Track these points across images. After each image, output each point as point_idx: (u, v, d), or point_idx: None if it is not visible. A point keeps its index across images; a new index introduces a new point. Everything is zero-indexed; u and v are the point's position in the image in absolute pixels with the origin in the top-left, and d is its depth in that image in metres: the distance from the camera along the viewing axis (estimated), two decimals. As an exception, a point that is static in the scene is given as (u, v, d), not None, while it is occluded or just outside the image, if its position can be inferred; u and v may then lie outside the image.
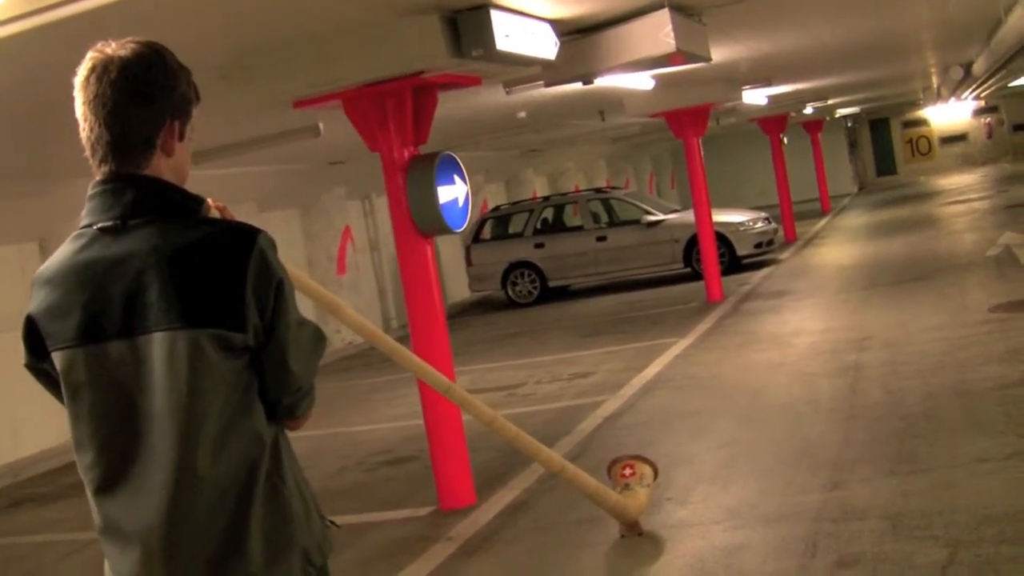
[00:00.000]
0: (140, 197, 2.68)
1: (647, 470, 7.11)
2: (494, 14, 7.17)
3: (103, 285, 2.65)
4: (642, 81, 13.74)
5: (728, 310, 16.38)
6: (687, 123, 17.43)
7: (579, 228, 22.55)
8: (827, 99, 25.99)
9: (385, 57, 7.43)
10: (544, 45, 7.93)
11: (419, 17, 7.21)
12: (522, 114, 15.55)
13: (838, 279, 18.03)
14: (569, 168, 30.66)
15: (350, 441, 11.59)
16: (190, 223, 2.68)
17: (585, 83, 9.17)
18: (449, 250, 23.92)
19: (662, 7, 8.12)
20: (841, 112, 35.73)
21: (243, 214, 17.21)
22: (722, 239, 20.32)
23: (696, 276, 19.23)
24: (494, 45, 7.16)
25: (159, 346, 2.59)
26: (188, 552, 2.60)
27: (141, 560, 2.62)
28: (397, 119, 7.99)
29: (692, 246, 20.18)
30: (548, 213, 23.39)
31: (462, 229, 8.47)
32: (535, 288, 22.36)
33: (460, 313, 23.12)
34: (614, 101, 16.36)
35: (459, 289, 24.20)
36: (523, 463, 8.93)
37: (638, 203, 22.47)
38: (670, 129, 17.92)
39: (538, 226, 22.87)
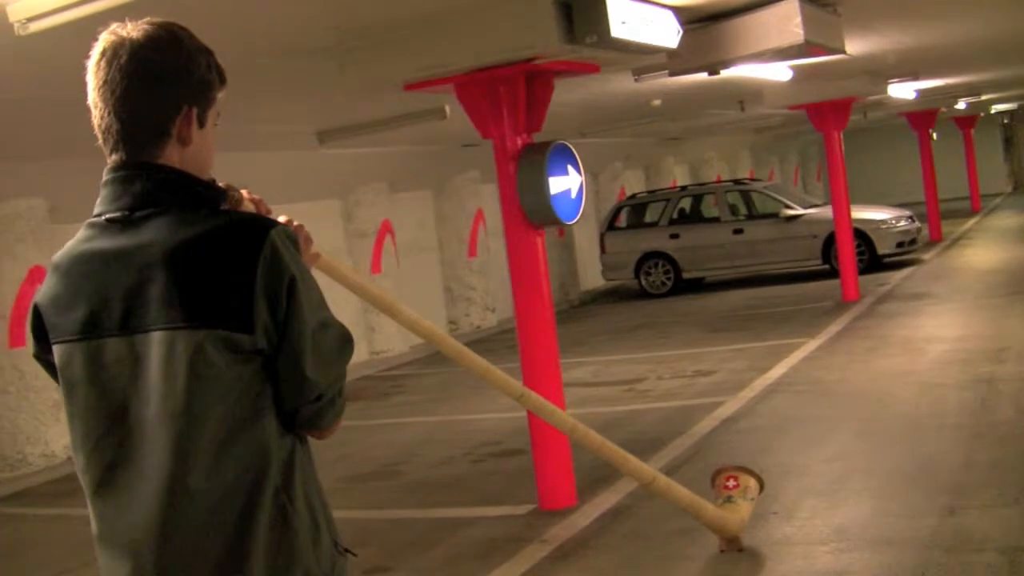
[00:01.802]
0: (149, 187, 2.49)
1: (751, 483, 6.77)
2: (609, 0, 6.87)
3: (106, 278, 2.47)
4: (780, 72, 13.28)
5: (862, 311, 15.83)
6: (828, 116, 16.87)
7: (716, 219, 22.08)
8: (980, 94, 24.99)
9: (496, 42, 7.21)
10: (666, 33, 7.60)
11: (531, 1, 6.95)
12: (657, 102, 15.19)
13: (981, 283, 17.32)
14: (711, 157, 30.11)
15: (461, 430, 11.42)
16: (201, 215, 2.48)
17: (711, 73, 8.82)
18: (585, 237, 23.67)
19: (791, -5, 7.75)
20: (997, 108, 34.45)
21: (373, 194, 17.40)
22: (862, 236, 19.74)
23: (834, 274, 18.62)
24: (609, 32, 6.86)
25: (157, 346, 2.40)
26: (181, 570, 2.41)
27: (131, 575, 2.44)
28: (510, 105, 7.76)
29: (831, 242, 19.51)
30: (685, 203, 22.94)
31: (574, 221, 8.18)
32: (668, 279, 21.97)
33: (591, 302, 22.90)
34: (753, 91, 15.93)
35: (592, 277, 23.91)
36: (630, 464, 8.65)
37: (777, 196, 21.89)
38: (811, 122, 17.38)
39: (674, 216, 22.46)
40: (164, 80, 2.49)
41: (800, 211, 21.05)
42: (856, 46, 11.07)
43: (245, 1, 6.38)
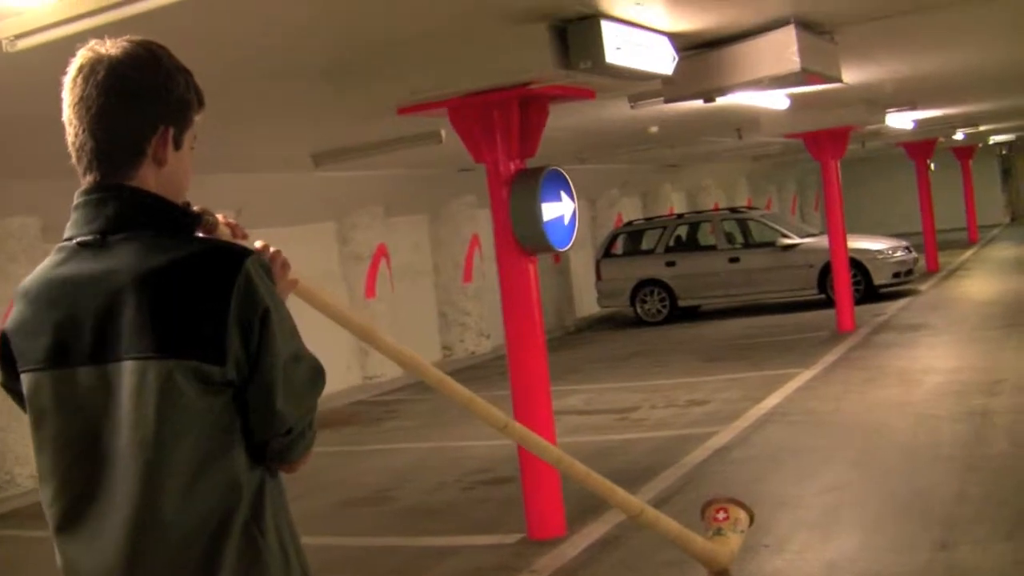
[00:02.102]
0: (123, 210, 2.42)
1: (742, 515, 6.63)
2: (604, 25, 6.80)
3: (76, 305, 2.40)
4: (777, 100, 13.24)
5: (858, 341, 15.76)
6: (825, 145, 16.83)
7: (712, 248, 22.01)
8: (978, 125, 24.93)
9: (490, 66, 7.18)
10: (661, 59, 7.55)
11: (526, 26, 6.88)
12: (654, 129, 15.14)
13: (977, 314, 17.26)
14: (708, 185, 30.07)
15: (453, 456, 11.34)
16: (175, 241, 2.41)
17: (707, 101, 8.75)
18: (581, 263, 23.61)
19: (788, 23, 7.68)
20: (995, 139, 34.40)
21: (369, 217, 17.33)
22: (858, 267, 19.66)
23: (830, 303, 18.53)
24: (603, 57, 6.80)
25: (129, 376, 2.33)
26: None
27: None
28: (503, 130, 7.71)
29: (827, 272, 19.41)
30: (682, 231, 22.87)
31: (566, 248, 8.13)
32: (664, 307, 21.89)
33: (586, 328, 22.82)
34: (751, 119, 15.88)
35: (588, 304, 23.84)
36: (621, 494, 8.56)
37: (774, 225, 21.84)
38: (808, 151, 17.34)
39: (671, 243, 22.39)
40: (141, 98, 2.43)
41: (797, 240, 21.00)
42: (853, 75, 11.01)
43: (235, 21, 6.31)
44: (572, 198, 8.12)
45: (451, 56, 7.28)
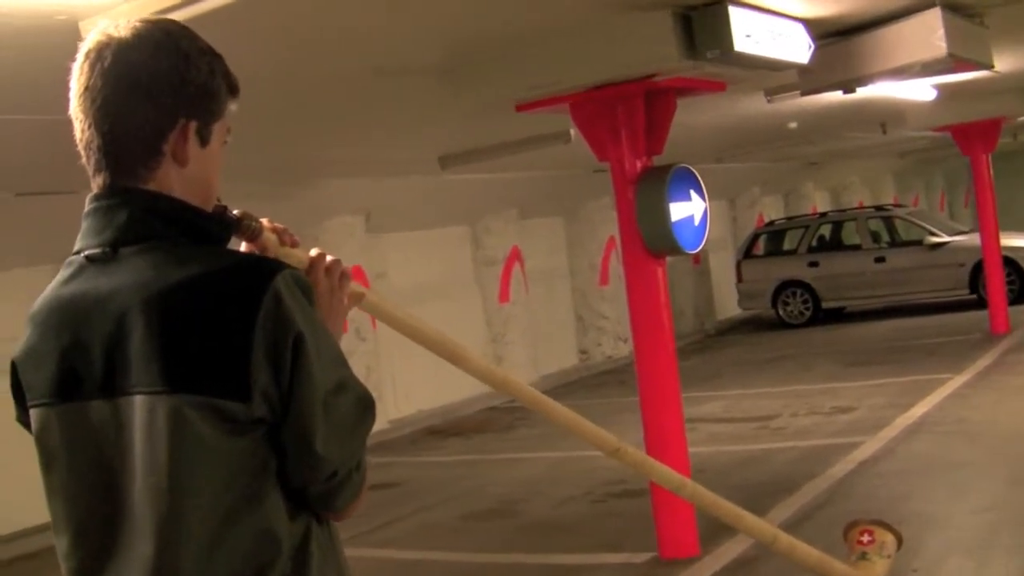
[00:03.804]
0: (135, 218, 2.07)
1: (889, 538, 6.13)
2: (732, 11, 6.37)
3: (84, 329, 2.05)
4: (923, 91, 12.58)
5: (1013, 344, 14.97)
6: (975, 138, 16.05)
7: (857, 247, 21.21)
8: None
9: (612, 58, 6.77)
10: (795, 48, 7.07)
11: (649, 14, 6.49)
12: (793, 124, 14.60)
13: None
14: (853, 182, 29.19)
15: (584, 467, 10.91)
16: (197, 254, 2.05)
17: (847, 92, 8.25)
18: (721, 265, 23.05)
19: (933, 6, 7.15)
20: None
21: (503, 221, 17.04)
22: (1012, 265, 18.74)
23: (982, 304, 17.69)
24: (732, 46, 6.36)
25: (140, 412, 1.98)
26: None
27: None
28: (628, 126, 7.29)
29: (979, 271, 18.57)
30: (825, 230, 22.10)
31: (697, 251, 7.68)
32: (807, 309, 21.18)
33: (727, 331, 22.23)
34: (895, 113, 15.19)
35: (729, 306, 23.25)
36: (760, 510, 8.08)
37: (922, 223, 20.98)
38: (956, 145, 16.58)
39: (813, 243, 21.66)
40: (155, 87, 2.08)
41: (946, 238, 20.13)
42: (1005, 62, 10.37)
43: (345, 16, 6.04)
44: (703, 197, 7.66)
45: (571, 49, 6.91)
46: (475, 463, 11.97)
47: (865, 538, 6.12)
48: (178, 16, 4.67)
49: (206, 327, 1.96)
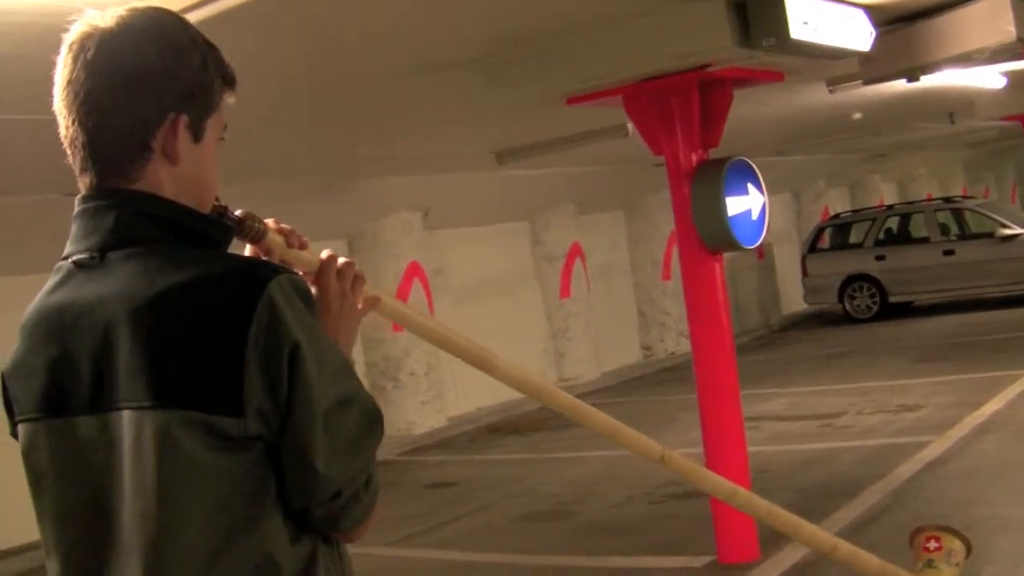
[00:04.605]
0: (124, 221, 1.93)
1: (957, 545, 5.88)
2: (789, -3, 6.15)
3: (71, 340, 1.91)
4: (992, 79, 12.23)
5: (1088, 339, 14.59)
6: (1047, 128, 15.66)
7: (925, 240, 20.81)
8: None
9: (663, 49, 6.58)
10: (856, 35, 6.83)
11: (702, 2, 6.27)
12: (857, 115, 14.28)
13: None
14: (920, 174, 28.72)
15: (642, 466, 10.56)
16: (187, 259, 1.89)
17: (910, 80, 7.98)
18: (786, 259, 22.73)
19: (1001, -12, 6.90)
20: None
21: (562, 216, 16.87)
22: (1086, 258, 18.32)
23: (1056, 298, 17.30)
24: (788, 33, 6.13)
25: (127, 428, 1.83)
26: None
27: None
28: (683, 118, 7.10)
29: (1052, 264, 18.21)
30: (892, 223, 21.71)
31: (755, 246, 7.45)
32: (874, 303, 20.80)
33: (792, 327, 21.91)
34: (963, 102, 14.82)
35: (794, 301, 22.91)
36: (824, 512, 7.88)
37: (992, 215, 20.53)
38: (1027, 134, 16.21)
39: (880, 236, 21.27)
40: (140, 79, 1.93)
41: (1018, 230, 19.68)
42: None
43: (389, 12, 5.92)
44: (761, 191, 7.44)
45: (621, 40, 6.71)
46: (533, 462, 11.81)
47: (932, 545, 5.88)
48: (209, 11, 4.55)
49: (195, 338, 1.81)
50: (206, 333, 1.81)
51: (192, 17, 4.78)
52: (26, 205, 9.03)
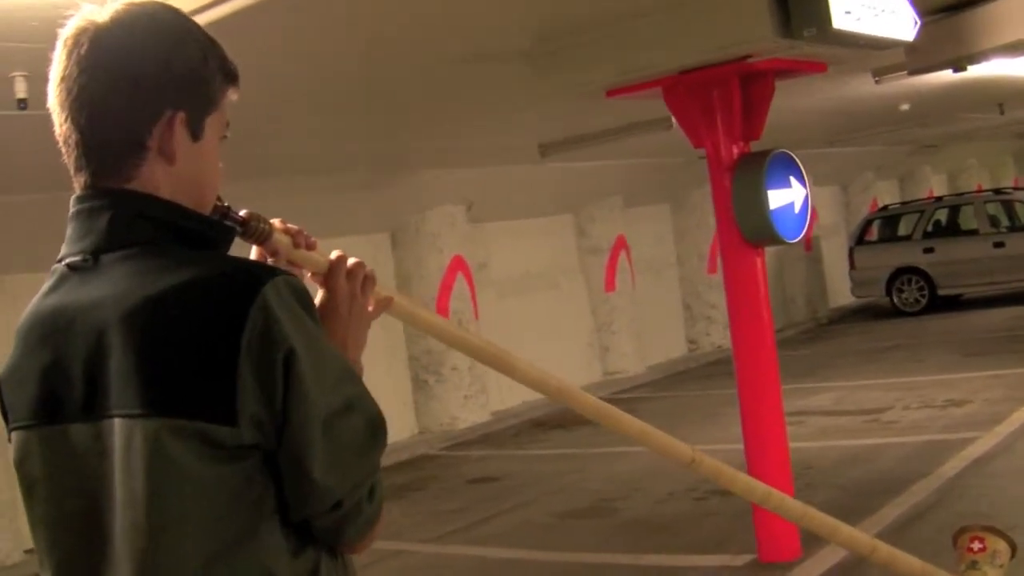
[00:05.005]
0: (119, 222, 1.87)
1: (1001, 546, 5.75)
2: (831, -14, 6.03)
3: (64, 345, 1.85)
4: (1042, 69, 12.03)
5: None
6: (1099, 118, 15.41)
7: (975, 232, 20.50)
8: None
9: (702, 40, 6.47)
10: (900, 24, 6.69)
11: (741, -8, 6.18)
12: (905, 106, 14.10)
13: None
14: (971, 165, 28.37)
15: None
16: (182, 261, 1.83)
17: (957, 71, 7.84)
18: (834, 251, 22.52)
19: (1048, -24, 6.75)
20: None
21: (607, 209, 16.77)
22: None
23: (1108, 290, 17.01)
24: (829, 23, 6.00)
25: (119, 437, 1.77)
26: None
27: None
28: (724, 110, 6.99)
29: (1105, 256, 17.91)
30: (941, 215, 21.41)
31: (797, 240, 7.33)
32: (922, 296, 20.54)
33: (840, 320, 21.71)
34: (1014, 92, 14.62)
35: (842, 294, 22.69)
36: (867, 510, 7.77)
37: (1043, 206, 20.27)
38: (1079, 125, 15.95)
39: (929, 229, 20.98)
40: (134, 74, 1.87)
41: (1070, 222, 19.42)
42: None
43: (432, 6, 5.88)
44: (804, 184, 7.32)
45: (660, 31, 6.62)
46: (577, 457, 11.74)
47: (976, 545, 5.76)
48: (238, 5, 4.51)
49: (187, 343, 1.75)
50: (198, 338, 1.75)
51: (240, 5, 4.76)
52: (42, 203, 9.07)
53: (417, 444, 13.60)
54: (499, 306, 15.17)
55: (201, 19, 4.56)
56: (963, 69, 7.84)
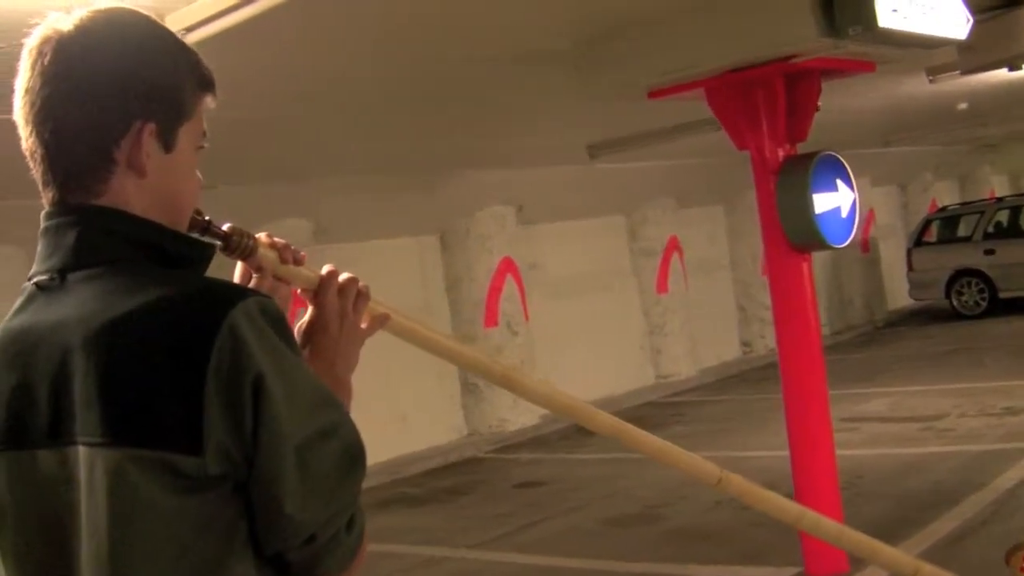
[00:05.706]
0: (86, 240, 1.76)
1: (1055, 564, 5.60)
2: (877, -16, 5.85)
3: (30, 367, 1.74)
4: (1104, 68, 11.74)
5: None
6: None
7: (1035, 234, 20.15)
8: None
9: (745, 39, 6.32)
10: (951, 22, 6.49)
11: (784, -10, 6.03)
12: (963, 106, 13.83)
13: None
14: (1033, 166, 27.98)
15: (736, 468, 10.18)
16: (150, 280, 1.71)
17: (1012, 69, 7.63)
18: (892, 253, 22.21)
19: (1106, -28, 6.53)
20: None
21: (660, 210, 16.61)
22: None
23: None
24: (875, 22, 5.83)
25: (83, 465, 1.66)
26: None
27: None
28: (768, 111, 6.82)
29: None
30: (1002, 216, 20.99)
31: (845, 244, 7.15)
32: (983, 299, 20.14)
33: (898, 323, 21.38)
34: (1075, 91, 14.33)
35: (900, 296, 22.36)
36: (918, 523, 7.57)
37: (1107, 207, 19.85)
38: None
39: (990, 230, 20.57)
40: (99, 86, 1.75)
41: None
42: None
43: (474, 6, 5.79)
44: (851, 187, 7.14)
45: (702, 31, 6.49)
46: (624, 461, 11.54)
47: (1028, 562, 5.58)
48: (255, 10, 4.42)
49: (150, 368, 1.63)
50: (162, 363, 1.63)
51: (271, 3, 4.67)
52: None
53: (466, 446, 13.53)
54: (549, 308, 15.05)
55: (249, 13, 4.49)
56: (1019, 68, 7.64)
